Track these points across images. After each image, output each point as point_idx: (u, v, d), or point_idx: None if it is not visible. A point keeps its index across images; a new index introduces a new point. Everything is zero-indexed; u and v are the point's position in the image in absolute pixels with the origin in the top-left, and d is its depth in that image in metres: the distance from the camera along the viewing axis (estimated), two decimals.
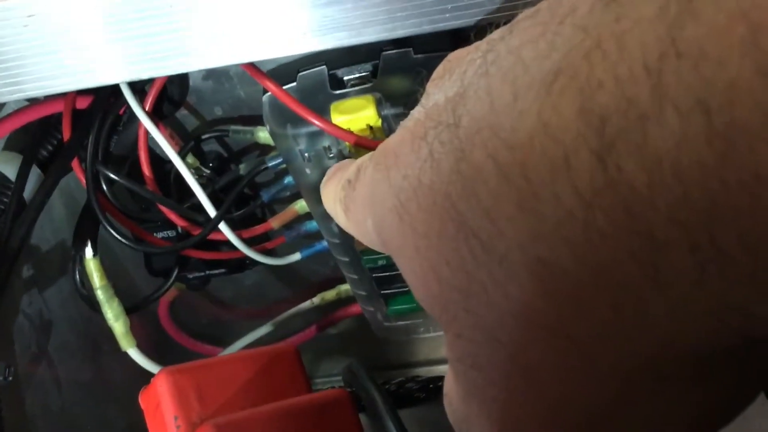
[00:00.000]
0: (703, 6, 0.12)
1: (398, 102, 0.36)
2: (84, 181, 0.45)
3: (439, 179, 0.16)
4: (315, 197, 0.42)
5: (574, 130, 0.13)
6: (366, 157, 0.22)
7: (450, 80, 0.18)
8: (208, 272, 0.54)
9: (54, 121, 0.45)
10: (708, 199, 0.12)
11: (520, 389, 0.16)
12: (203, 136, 0.49)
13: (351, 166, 0.23)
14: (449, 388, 0.20)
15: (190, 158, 0.49)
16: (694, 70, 0.12)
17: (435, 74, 0.20)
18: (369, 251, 0.44)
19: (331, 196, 0.24)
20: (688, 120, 0.12)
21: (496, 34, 0.17)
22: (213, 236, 0.47)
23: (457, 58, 0.19)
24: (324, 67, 0.38)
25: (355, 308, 0.55)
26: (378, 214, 0.19)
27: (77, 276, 0.48)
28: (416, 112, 0.19)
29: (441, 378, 0.51)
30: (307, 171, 0.41)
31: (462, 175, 0.16)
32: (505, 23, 0.17)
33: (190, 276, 0.54)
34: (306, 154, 0.40)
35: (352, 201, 0.22)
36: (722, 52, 0.11)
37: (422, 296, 0.18)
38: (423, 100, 0.19)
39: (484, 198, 0.15)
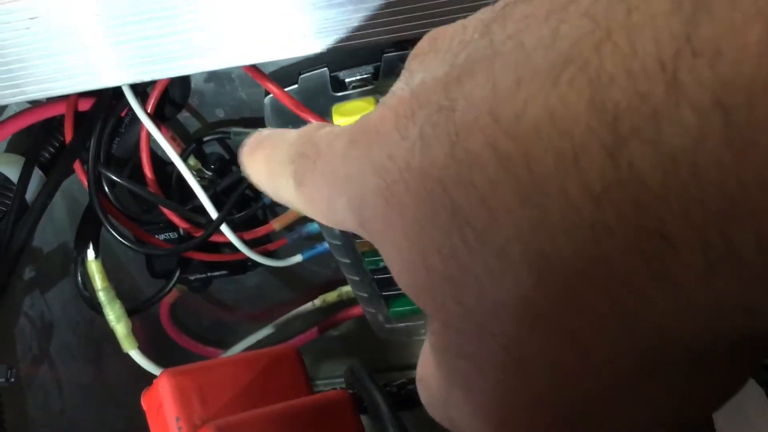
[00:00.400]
0: (718, 3, 0.12)
1: None
2: (86, 183, 0.45)
3: (430, 163, 0.16)
4: None
5: (583, 124, 0.13)
6: (321, 131, 0.21)
7: (437, 59, 0.17)
8: (209, 274, 0.54)
9: (56, 123, 0.46)
10: (724, 198, 0.12)
11: (510, 379, 0.16)
12: (205, 138, 0.49)
13: (293, 137, 0.22)
14: (425, 372, 0.19)
15: (191, 160, 0.49)
16: (710, 68, 0.12)
17: (418, 50, 0.19)
18: (371, 253, 0.44)
19: (267, 169, 0.23)
20: (705, 118, 0.12)
21: (486, 15, 0.17)
22: (214, 238, 0.47)
23: (441, 36, 0.18)
24: (325, 69, 0.38)
25: (357, 310, 0.55)
26: (357, 193, 0.18)
27: (79, 278, 0.48)
28: (399, 90, 0.18)
29: None
30: None
31: (457, 161, 0.15)
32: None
33: (192, 278, 0.54)
34: None
35: (311, 176, 0.21)
36: (739, 51, 0.11)
37: (407, 283, 0.17)
38: (406, 77, 0.18)
39: (481, 186, 0.15)
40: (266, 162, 0.23)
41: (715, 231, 0.12)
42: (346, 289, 0.55)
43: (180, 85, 0.45)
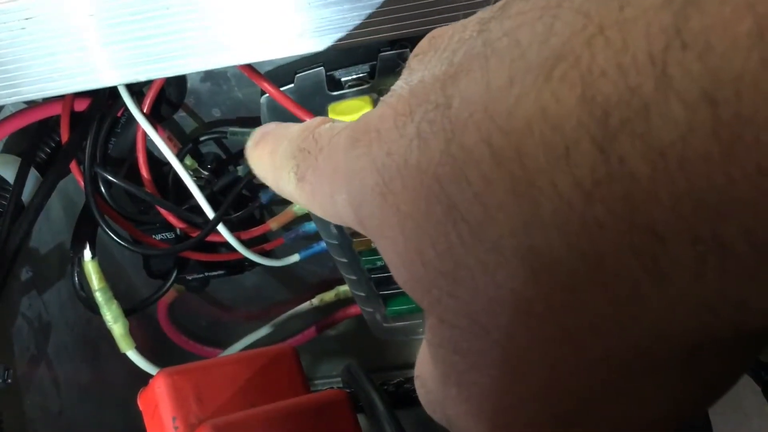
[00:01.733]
0: None
1: None
2: (82, 183, 0.45)
3: (426, 160, 0.16)
4: None
5: (574, 119, 0.13)
6: (322, 127, 0.21)
7: (436, 57, 0.18)
8: (206, 274, 0.54)
9: (52, 123, 0.45)
10: (712, 191, 0.12)
11: (504, 375, 0.16)
12: (201, 138, 0.49)
13: (295, 132, 0.22)
14: (423, 369, 0.20)
15: (188, 160, 0.49)
16: (699, 61, 0.12)
17: (418, 49, 0.19)
18: (368, 252, 0.44)
19: (271, 162, 0.23)
20: (693, 111, 0.12)
21: (486, 13, 0.17)
22: (211, 238, 0.47)
23: (441, 34, 0.18)
24: (321, 68, 0.38)
25: (354, 309, 0.55)
26: (357, 190, 0.18)
27: (76, 278, 0.48)
28: (399, 88, 0.18)
29: None
30: None
31: (452, 157, 0.15)
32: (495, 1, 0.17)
33: (189, 278, 0.54)
34: None
35: (312, 172, 0.21)
36: (728, 44, 0.11)
37: (404, 279, 0.18)
38: (406, 76, 0.18)
39: (475, 182, 0.15)
40: (270, 155, 0.23)
41: (704, 225, 0.12)
42: (344, 288, 0.55)
43: (176, 84, 0.45)
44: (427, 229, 0.16)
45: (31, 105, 0.44)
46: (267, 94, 0.38)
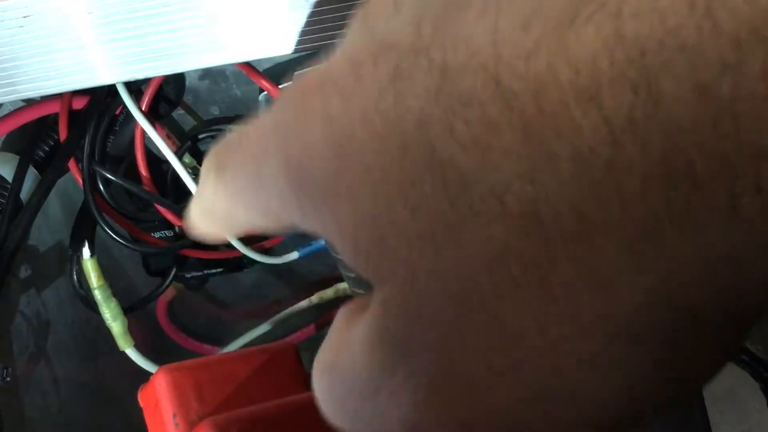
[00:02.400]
0: None
1: None
2: (81, 181, 0.45)
3: (406, 105, 0.14)
4: None
5: (605, 60, 0.12)
6: (235, 132, 0.19)
7: (403, 7, 0.15)
8: (205, 272, 0.54)
9: (50, 121, 0.45)
10: (758, 131, 0.12)
11: (486, 344, 0.14)
12: (200, 136, 0.49)
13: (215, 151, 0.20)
14: (343, 357, 0.17)
15: (187, 158, 0.49)
16: (747, 3, 0.11)
17: (374, 7, 0.16)
18: None
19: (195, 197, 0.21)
20: (742, 51, 0.11)
21: None
22: None
23: None
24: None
25: None
26: (296, 149, 0.16)
27: (75, 276, 0.48)
28: (348, 42, 0.16)
29: None
30: None
31: (445, 99, 0.14)
32: None
33: (188, 275, 0.54)
34: None
35: (234, 155, 0.18)
36: None
37: (359, 244, 0.15)
38: (360, 30, 0.16)
39: (475, 125, 0.13)
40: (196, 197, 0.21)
41: (746, 165, 0.12)
42: (343, 286, 0.55)
43: (174, 82, 0.45)
44: (401, 182, 0.14)
45: (30, 103, 0.44)
46: (265, 92, 0.38)
